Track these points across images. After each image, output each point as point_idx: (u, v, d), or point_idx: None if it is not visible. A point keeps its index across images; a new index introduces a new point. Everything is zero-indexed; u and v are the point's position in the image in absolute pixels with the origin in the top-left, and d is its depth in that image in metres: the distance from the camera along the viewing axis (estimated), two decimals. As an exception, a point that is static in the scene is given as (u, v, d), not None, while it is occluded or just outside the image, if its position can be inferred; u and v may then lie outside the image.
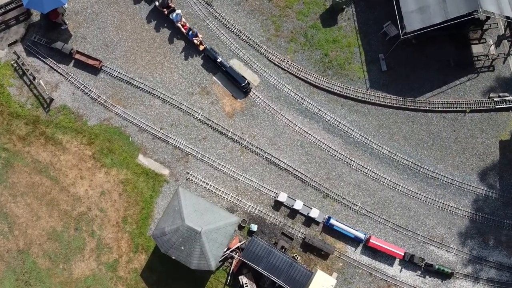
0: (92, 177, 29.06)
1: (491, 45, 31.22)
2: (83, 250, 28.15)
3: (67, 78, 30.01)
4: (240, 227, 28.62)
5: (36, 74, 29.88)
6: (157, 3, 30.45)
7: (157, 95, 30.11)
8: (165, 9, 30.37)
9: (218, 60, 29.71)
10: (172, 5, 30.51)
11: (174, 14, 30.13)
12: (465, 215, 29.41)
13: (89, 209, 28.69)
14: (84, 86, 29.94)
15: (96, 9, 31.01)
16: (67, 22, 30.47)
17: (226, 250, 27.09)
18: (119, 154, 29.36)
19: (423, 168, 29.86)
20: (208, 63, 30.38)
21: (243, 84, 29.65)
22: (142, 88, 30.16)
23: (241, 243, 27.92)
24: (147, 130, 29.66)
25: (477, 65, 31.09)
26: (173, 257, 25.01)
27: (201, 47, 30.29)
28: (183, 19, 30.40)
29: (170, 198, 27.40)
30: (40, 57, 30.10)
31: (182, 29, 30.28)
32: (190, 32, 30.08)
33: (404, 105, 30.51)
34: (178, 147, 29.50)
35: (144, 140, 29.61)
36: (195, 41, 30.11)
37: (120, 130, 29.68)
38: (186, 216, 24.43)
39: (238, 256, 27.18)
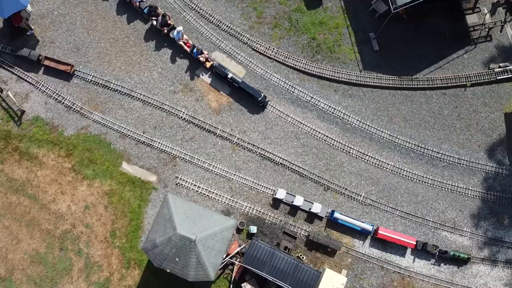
0: (74, 191, 26.83)
1: (486, 14, 29.51)
2: (71, 271, 25.92)
3: (38, 87, 27.75)
4: (238, 230, 26.57)
5: (3, 85, 27.58)
6: (154, 22, 27.96)
7: (136, 97, 27.97)
8: (164, 28, 27.98)
9: (229, 76, 27.32)
10: (172, 23, 28.09)
11: (175, 32, 27.66)
12: (476, 195, 27.66)
13: (74, 226, 26.48)
14: (57, 94, 27.71)
15: (63, 11, 28.77)
16: (32, 27, 28.20)
17: (225, 257, 25.02)
18: (101, 164, 27.17)
19: (427, 149, 28.08)
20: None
21: (260, 99, 27.31)
22: (120, 91, 28.00)
23: (240, 247, 25.87)
24: (129, 135, 27.51)
25: (473, 36, 29.37)
26: (168, 270, 22.88)
27: (208, 64, 27.93)
28: (185, 36, 28.06)
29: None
30: (6, 67, 27.79)
31: (185, 47, 27.82)
32: (195, 50, 27.65)
33: (401, 84, 28.72)
34: (164, 150, 27.40)
35: (126, 147, 27.45)
36: (201, 58, 27.77)
37: (100, 138, 27.49)
38: (178, 224, 22.34)
39: (238, 262, 25.14)
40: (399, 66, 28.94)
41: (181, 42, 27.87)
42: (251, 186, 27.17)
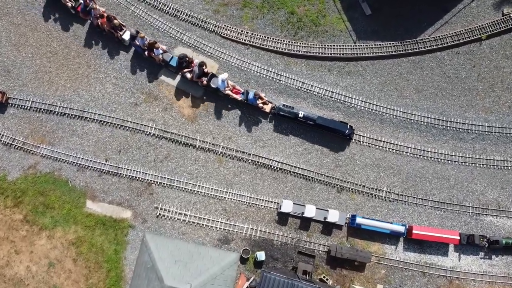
0: (32, 247, 21.50)
1: (488, -48, 24.92)
2: None
3: (-34, 127, 22.38)
4: (243, 260, 21.53)
5: None
6: (188, 75, 22.45)
7: (90, 118, 22.72)
8: (203, 79, 22.42)
9: (301, 115, 21.97)
10: (209, 71, 22.45)
11: (219, 82, 21.94)
12: (517, 167, 23.18)
13: (38, 291, 21.19)
14: (-9, 131, 22.36)
15: (-17, 28, 23.37)
16: None
17: (233, 299, 19.97)
18: (60, 208, 21.88)
19: (450, 121, 23.43)
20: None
21: (347, 132, 22.13)
22: (69, 114, 22.73)
23: (249, 281, 20.84)
24: (89, 166, 22.26)
25: (478, -21, 24.78)
26: (162, 334, 17.76)
27: (267, 108, 22.46)
28: (231, 82, 22.46)
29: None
30: None
31: (234, 96, 22.29)
32: (251, 95, 21.92)
33: (405, 50, 23.99)
34: (136, 177, 22.22)
35: (88, 181, 22.18)
36: (259, 104, 22.31)
37: (53, 176, 22.19)
38: (165, 273, 17.23)
39: (250, 302, 20.17)
40: (399, 29, 24.20)
41: (228, 91, 22.28)
42: (249, 203, 22.19)
